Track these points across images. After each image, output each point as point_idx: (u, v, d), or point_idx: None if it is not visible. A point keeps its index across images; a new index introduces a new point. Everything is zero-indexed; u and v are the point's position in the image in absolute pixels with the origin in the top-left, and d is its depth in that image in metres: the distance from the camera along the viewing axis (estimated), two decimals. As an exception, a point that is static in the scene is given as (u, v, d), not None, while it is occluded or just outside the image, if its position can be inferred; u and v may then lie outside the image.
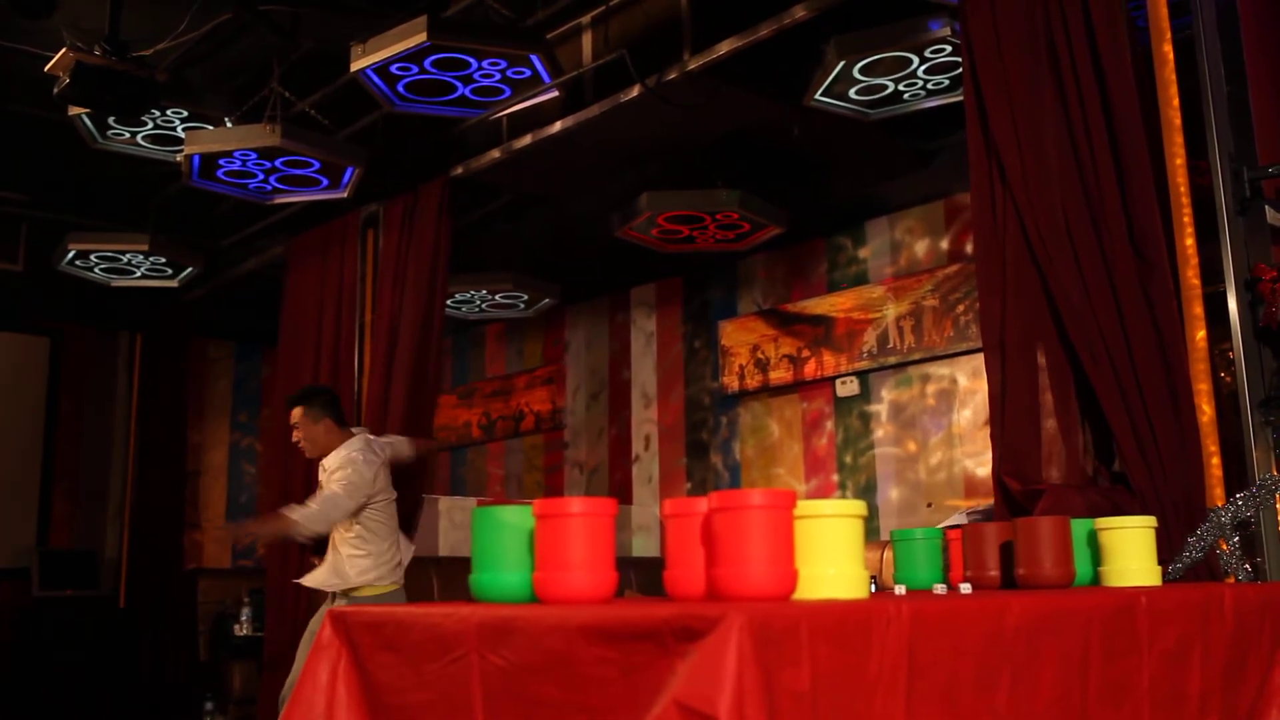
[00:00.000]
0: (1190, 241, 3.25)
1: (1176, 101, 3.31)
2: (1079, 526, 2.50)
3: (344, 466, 4.73)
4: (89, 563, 8.19)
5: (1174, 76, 3.32)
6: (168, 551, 8.18)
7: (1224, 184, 3.34)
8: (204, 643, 7.73)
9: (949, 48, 4.32)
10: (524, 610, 1.74)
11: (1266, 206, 3.44)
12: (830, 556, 1.81)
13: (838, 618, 1.57)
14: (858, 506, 1.84)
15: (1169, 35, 3.34)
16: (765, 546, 1.69)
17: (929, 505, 6.29)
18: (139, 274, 6.99)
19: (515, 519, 1.93)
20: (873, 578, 2.46)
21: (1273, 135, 3.62)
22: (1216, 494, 3.09)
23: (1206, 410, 3.15)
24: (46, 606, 7.80)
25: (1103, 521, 2.49)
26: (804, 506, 1.80)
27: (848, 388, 6.76)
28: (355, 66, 4.51)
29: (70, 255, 6.60)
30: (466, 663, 1.74)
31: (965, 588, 2.34)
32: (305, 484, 6.14)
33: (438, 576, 5.51)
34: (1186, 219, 3.26)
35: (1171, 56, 3.33)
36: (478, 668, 1.73)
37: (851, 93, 4.69)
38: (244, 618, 7.21)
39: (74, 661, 7.69)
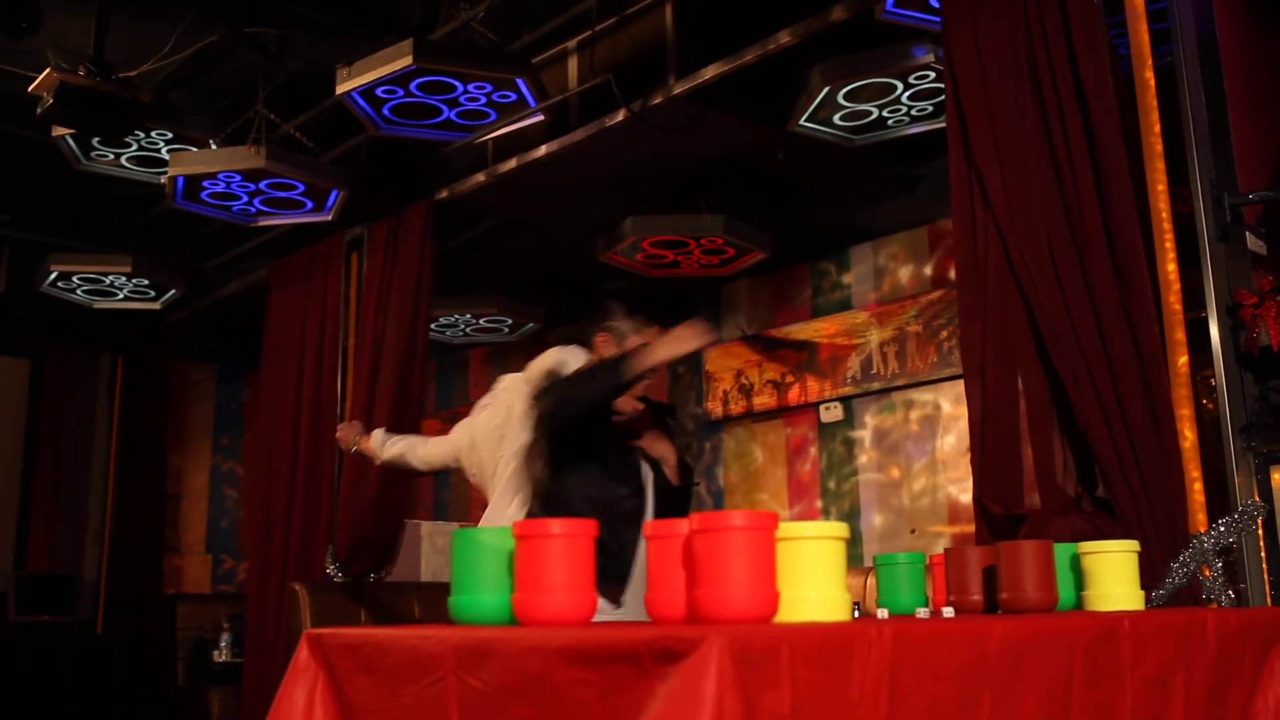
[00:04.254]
0: (1172, 267, 3.26)
1: (1158, 128, 3.33)
2: (1062, 551, 2.49)
3: None
4: (67, 587, 8.12)
5: (1155, 103, 3.34)
6: (147, 576, 8.10)
7: (1205, 210, 3.36)
8: (182, 669, 7.67)
9: (932, 74, 4.34)
10: (502, 632, 1.72)
11: (1247, 233, 3.46)
12: (812, 579, 1.79)
13: (819, 640, 1.56)
14: (839, 528, 1.83)
15: (1150, 62, 3.36)
16: (746, 568, 1.68)
17: (912, 531, 6.28)
18: (121, 296, 6.97)
19: (494, 540, 1.91)
20: (855, 604, 2.45)
21: (1253, 161, 3.64)
22: (1199, 519, 3.08)
23: (1189, 435, 3.15)
24: (22, 632, 7.72)
25: (1085, 546, 2.48)
26: (786, 528, 1.79)
27: (831, 413, 6.76)
28: (340, 89, 4.51)
29: (52, 276, 6.58)
30: (444, 685, 1.73)
31: (948, 612, 2.33)
32: (287, 509, 6.11)
33: (419, 602, 5.48)
34: (1168, 244, 3.27)
35: (1153, 83, 3.35)
36: (455, 690, 1.71)
37: (836, 118, 4.72)
38: (223, 644, 7.16)
39: (50, 687, 7.61)
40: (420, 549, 6.57)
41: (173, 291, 6.94)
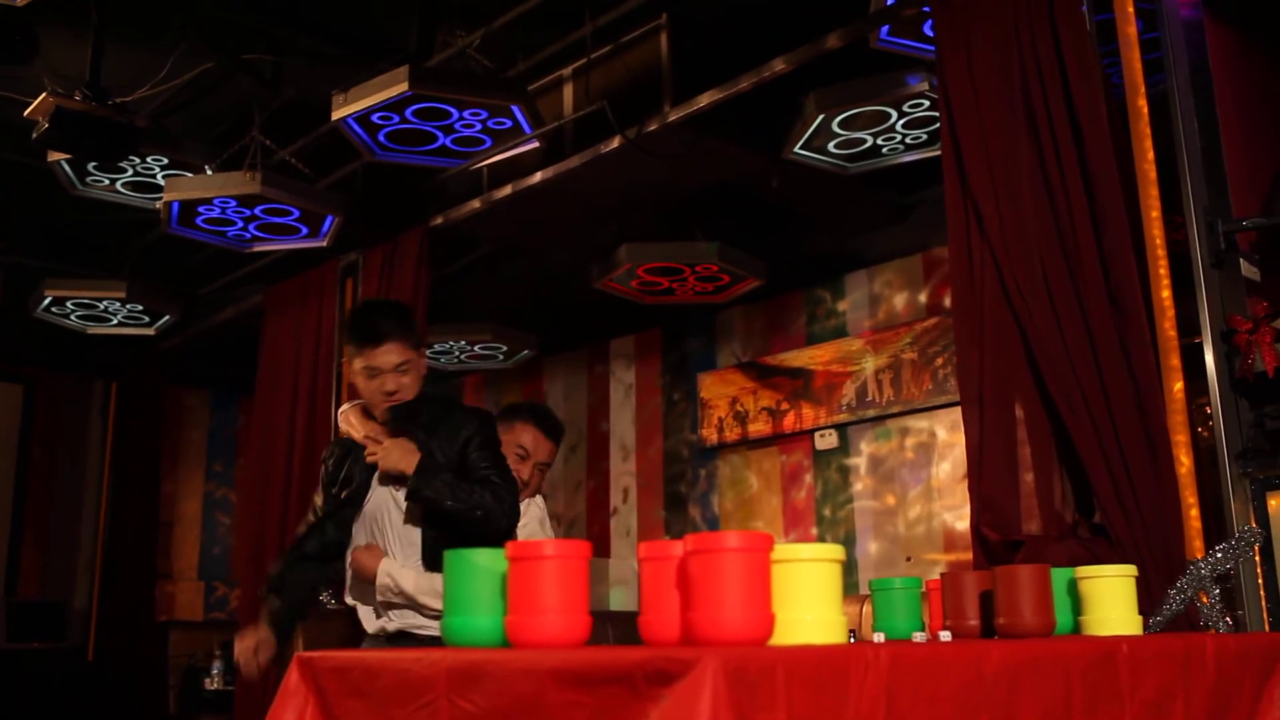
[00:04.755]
0: (1167, 293, 3.26)
1: (1151, 155, 3.35)
2: (1059, 575, 2.47)
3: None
4: (57, 614, 8.05)
5: (1149, 131, 3.36)
6: (138, 603, 8.04)
7: (1199, 237, 3.37)
8: (174, 696, 7.61)
9: (926, 102, 4.36)
10: (494, 654, 1.70)
11: (1241, 259, 3.47)
12: (807, 602, 1.78)
13: (815, 662, 1.55)
14: (835, 550, 1.81)
15: (1143, 90, 3.38)
16: (741, 590, 1.67)
17: (908, 559, 6.26)
18: (115, 321, 6.95)
19: (487, 562, 1.90)
20: (852, 631, 2.43)
21: (1246, 189, 3.66)
22: (1196, 546, 3.07)
23: (1185, 462, 3.14)
24: (12, 659, 7.65)
25: (1083, 570, 2.47)
26: (781, 550, 1.78)
27: (826, 441, 6.75)
28: (336, 115, 4.52)
29: (46, 301, 6.57)
30: (436, 708, 1.71)
31: (945, 636, 2.31)
32: (280, 535, 6.07)
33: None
34: (1163, 271, 3.27)
35: (1146, 111, 3.37)
36: (447, 712, 1.69)
37: (830, 146, 4.73)
38: (215, 671, 7.10)
39: (41, 715, 7.53)
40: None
41: (167, 317, 6.93)
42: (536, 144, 4.99)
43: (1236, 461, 3.24)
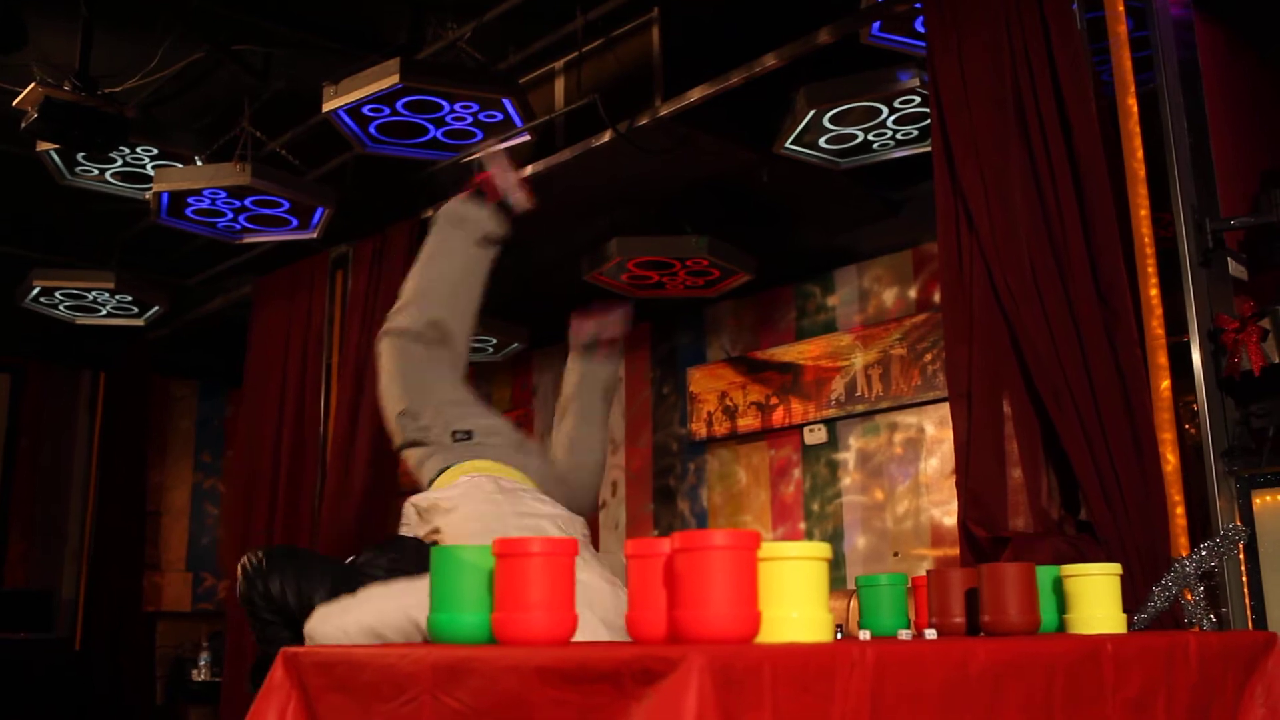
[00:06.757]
0: (1154, 291, 3.27)
1: (1140, 154, 3.35)
2: (1044, 573, 2.48)
3: None
4: (44, 604, 8.04)
5: (1138, 129, 3.36)
6: (126, 593, 8.03)
7: (1187, 235, 3.38)
8: (161, 687, 7.61)
9: (917, 99, 4.36)
10: (480, 651, 1.70)
11: (1229, 258, 3.48)
12: (794, 599, 1.78)
13: (801, 660, 1.55)
14: (822, 549, 1.82)
15: (1133, 88, 3.39)
16: (728, 588, 1.67)
17: (895, 554, 6.27)
18: (104, 312, 6.93)
19: (474, 558, 1.90)
20: (839, 626, 2.44)
21: (1235, 187, 3.67)
22: (1181, 543, 3.09)
23: (1171, 459, 3.16)
24: (-1, 649, 7.66)
25: (1068, 568, 2.48)
26: (768, 548, 1.78)
27: (815, 435, 6.76)
28: (327, 107, 4.51)
29: (34, 292, 6.54)
30: (419, 704, 1.71)
31: (930, 633, 2.32)
32: (268, 527, 6.07)
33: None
34: (1150, 269, 3.28)
35: (1136, 109, 3.37)
36: (431, 709, 1.69)
37: (821, 141, 4.73)
38: (203, 662, 7.11)
39: (26, 706, 7.52)
40: (402, 569, 6.51)
41: (156, 308, 6.90)
42: (527, 137, 4.98)
43: (1222, 459, 3.26)
